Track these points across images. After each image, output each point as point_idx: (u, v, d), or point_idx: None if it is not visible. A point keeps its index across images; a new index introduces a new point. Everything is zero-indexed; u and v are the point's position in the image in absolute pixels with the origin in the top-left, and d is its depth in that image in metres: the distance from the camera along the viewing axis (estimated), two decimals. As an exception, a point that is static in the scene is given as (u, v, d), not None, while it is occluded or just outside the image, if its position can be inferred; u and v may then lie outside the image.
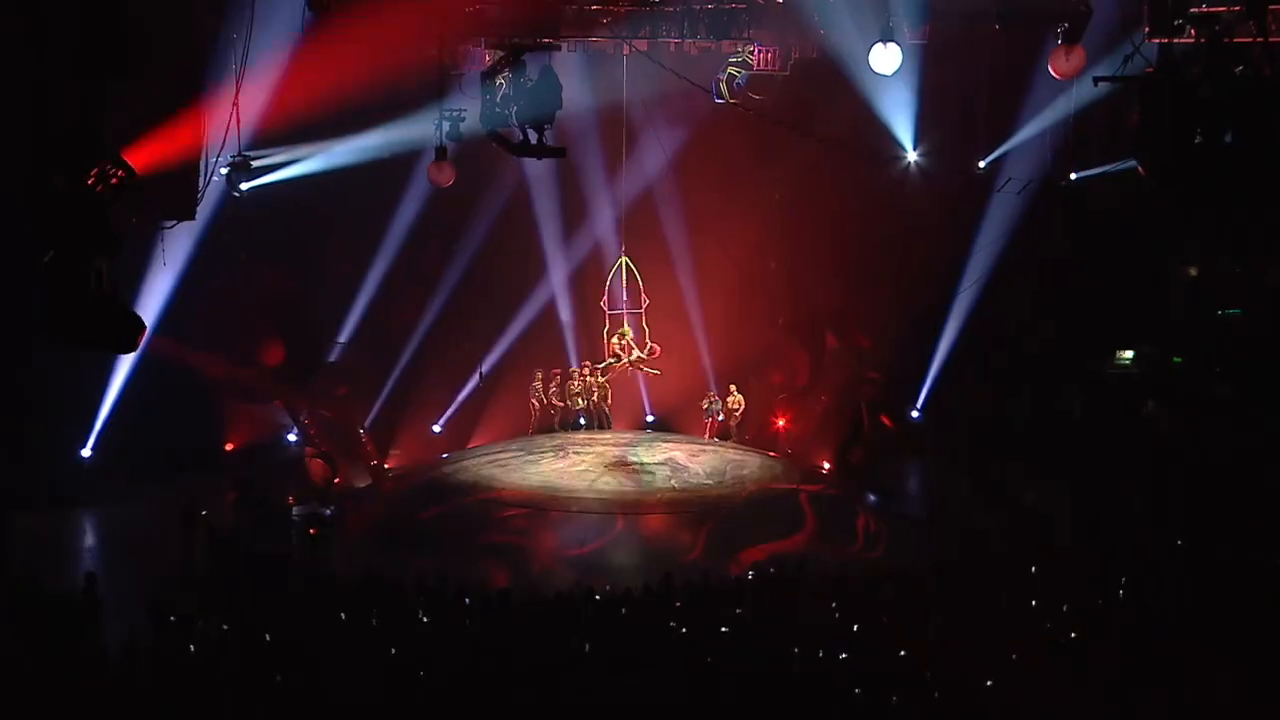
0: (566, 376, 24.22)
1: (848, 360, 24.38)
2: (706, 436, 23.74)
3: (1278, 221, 12.43)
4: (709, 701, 11.03)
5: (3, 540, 14.52)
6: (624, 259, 22.14)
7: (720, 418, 24.03)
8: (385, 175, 21.60)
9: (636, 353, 22.21)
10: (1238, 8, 11.94)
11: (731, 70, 19.74)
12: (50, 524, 18.04)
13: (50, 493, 18.75)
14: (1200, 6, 12.77)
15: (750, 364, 24.84)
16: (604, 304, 22.54)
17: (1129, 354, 20.92)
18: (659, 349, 22.31)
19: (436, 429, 24.00)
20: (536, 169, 22.58)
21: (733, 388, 24.11)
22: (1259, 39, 11.77)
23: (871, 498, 20.86)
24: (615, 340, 22.13)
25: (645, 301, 22.29)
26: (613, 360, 22.27)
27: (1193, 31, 12.76)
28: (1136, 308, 20.17)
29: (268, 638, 12.64)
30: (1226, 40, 12.03)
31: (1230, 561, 14.47)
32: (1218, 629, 12.40)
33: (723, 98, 19.93)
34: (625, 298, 22.16)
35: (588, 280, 24.73)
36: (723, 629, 13.00)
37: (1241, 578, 13.83)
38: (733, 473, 21.08)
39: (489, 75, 16.77)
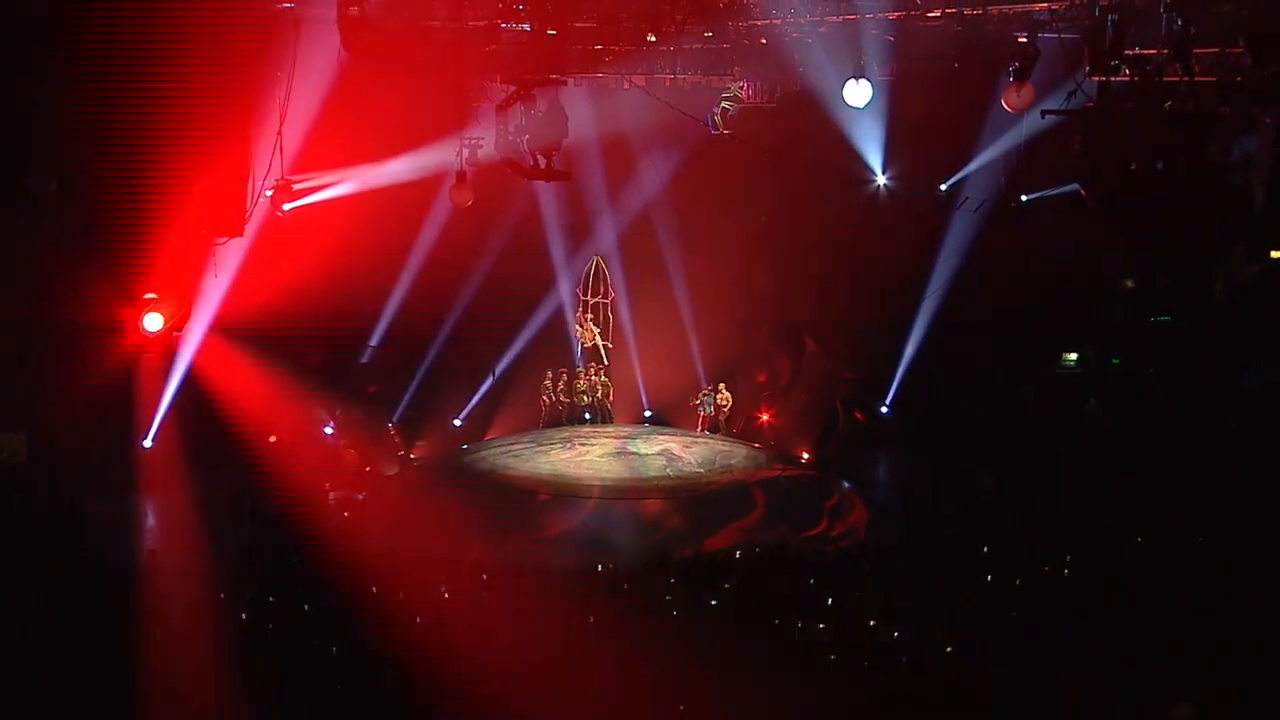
0: (573, 376, 24.30)
1: (824, 362, 24.42)
2: (698, 430, 23.82)
3: (1203, 237, 12.55)
4: (697, 668, 11.07)
5: (77, 522, 14.55)
6: (597, 258, 24.65)
7: (711, 413, 24.11)
8: (412, 196, 21.62)
9: (596, 334, 24.53)
10: (1166, 51, 12.04)
11: (725, 104, 19.75)
12: (117, 507, 18.12)
13: (115, 479, 18.80)
14: (1134, 49, 12.83)
15: (738, 365, 24.89)
16: (579, 290, 24.86)
17: (1074, 356, 20.91)
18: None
19: (457, 423, 24.02)
20: (546, 190, 22.62)
21: (722, 386, 24.18)
22: (1184, 78, 11.93)
23: (845, 484, 20.93)
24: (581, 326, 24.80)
25: (611, 294, 24.79)
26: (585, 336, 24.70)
27: (1127, 71, 12.84)
28: (1080, 315, 20.19)
29: (307, 608, 12.81)
30: (1157, 79, 12.17)
31: (1161, 538, 14.56)
32: (1149, 597, 12.49)
33: (718, 129, 19.96)
34: (599, 290, 24.82)
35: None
36: (712, 602, 13.11)
37: (1169, 552, 13.92)
38: (721, 462, 21.17)
39: (503, 107, 16.85)
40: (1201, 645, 11.14)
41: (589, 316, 25.01)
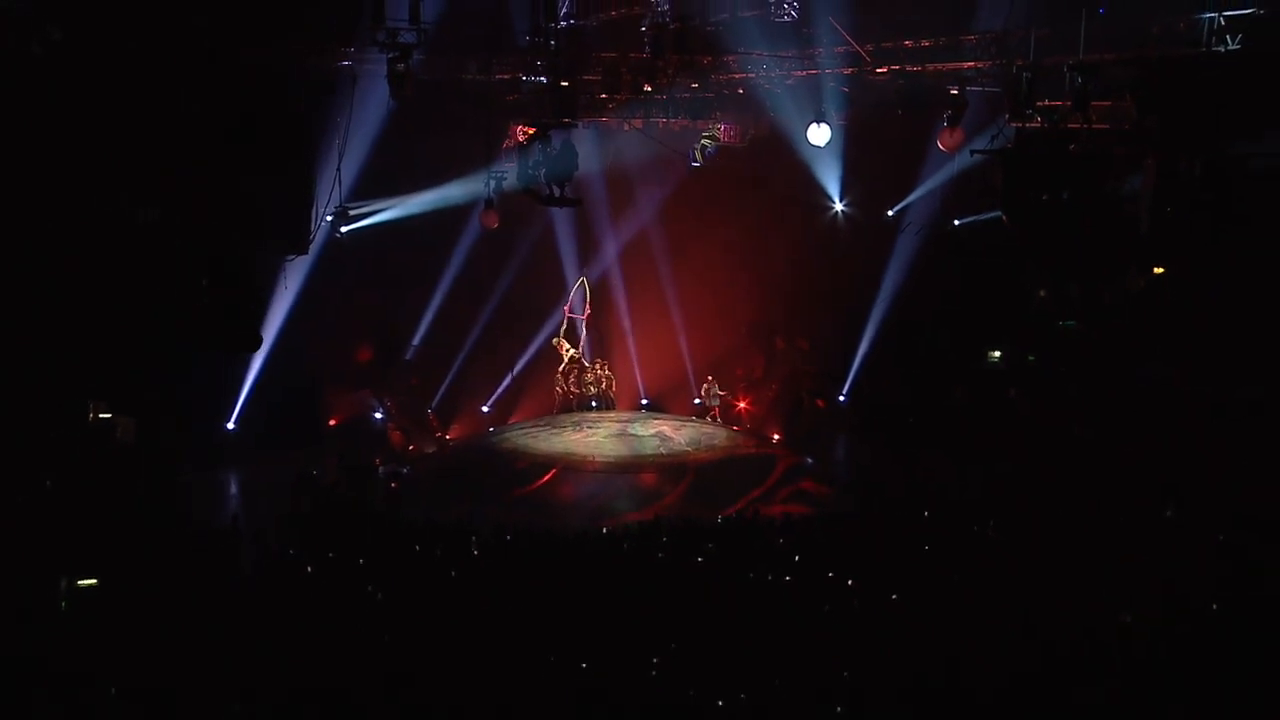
0: (582, 370, 24.41)
1: (792, 358, 24.57)
2: (709, 418, 23.43)
3: (1101, 255, 12.86)
4: (686, 613, 11.24)
5: (174, 491, 14.77)
6: (582, 278, 23.55)
7: (718, 404, 23.59)
8: (448, 220, 21.80)
9: (569, 350, 23.56)
10: (1070, 103, 12.35)
11: (704, 141, 19.89)
12: (206, 479, 18.32)
13: (205, 456, 19.01)
14: (1044, 101, 13.12)
15: (719, 360, 25.03)
16: (566, 309, 23.77)
17: (997, 353, 21.04)
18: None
19: (485, 409, 24.25)
20: (559, 215, 22.78)
21: (710, 379, 24.24)
22: (1085, 125, 12.26)
23: (809, 461, 21.06)
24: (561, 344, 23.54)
25: (587, 311, 23.78)
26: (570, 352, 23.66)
27: (1039, 119, 13.13)
28: (1002, 319, 20.37)
29: (361, 562, 13.02)
30: (1063, 126, 12.49)
31: (1072, 505, 14.80)
32: (1060, 553, 12.76)
33: (697, 162, 20.13)
34: (583, 309, 23.76)
35: (597, 297, 25.01)
36: (699, 559, 13.26)
37: (1077, 517, 14.17)
38: (705, 442, 21.30)
39: (524, 146, 17.05)
40: (1095, 586, 11.46)
41: (563, 338, 23.58)
